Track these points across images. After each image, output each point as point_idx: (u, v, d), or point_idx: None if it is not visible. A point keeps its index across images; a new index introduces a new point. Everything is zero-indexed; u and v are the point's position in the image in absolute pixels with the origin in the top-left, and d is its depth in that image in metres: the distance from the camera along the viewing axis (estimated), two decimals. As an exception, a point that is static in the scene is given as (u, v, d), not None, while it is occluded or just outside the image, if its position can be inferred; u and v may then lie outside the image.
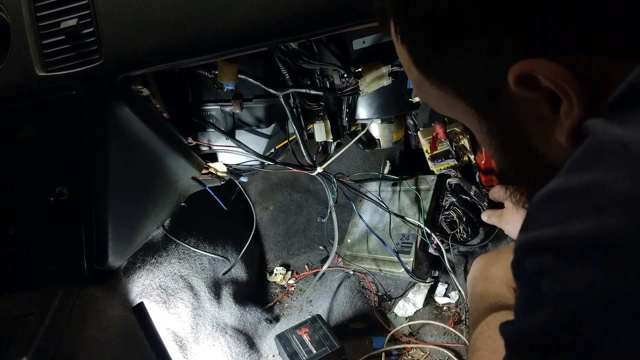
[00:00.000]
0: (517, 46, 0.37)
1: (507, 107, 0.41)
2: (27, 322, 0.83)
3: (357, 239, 1.43)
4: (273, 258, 1.61)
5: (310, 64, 0.99)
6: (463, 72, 0.42)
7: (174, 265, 1.30)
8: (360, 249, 1.39)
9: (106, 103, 0.81)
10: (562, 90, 0.36)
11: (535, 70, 0.36)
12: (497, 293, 0.77)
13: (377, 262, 1.33)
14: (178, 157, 1.02)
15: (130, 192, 0.95)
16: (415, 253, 1.23)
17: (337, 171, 1.45)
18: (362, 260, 1.37)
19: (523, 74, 0.36)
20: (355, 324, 1.30)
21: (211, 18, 0.73)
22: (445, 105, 0.48)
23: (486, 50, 0.39)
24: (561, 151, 0.39)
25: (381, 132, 1.24)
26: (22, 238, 0.89)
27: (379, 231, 1.34)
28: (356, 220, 1.46)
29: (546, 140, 0.40)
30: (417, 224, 1.25)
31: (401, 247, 1.26)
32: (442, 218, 1.27)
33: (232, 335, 1.31)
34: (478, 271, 0.89)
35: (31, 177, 0.87)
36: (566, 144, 0.38)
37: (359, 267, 1.38)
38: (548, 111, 0.38)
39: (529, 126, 0.41)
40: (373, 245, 1.36)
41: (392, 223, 1.31)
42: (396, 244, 1.28)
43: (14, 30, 0.79)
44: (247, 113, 1.10)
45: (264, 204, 1.67)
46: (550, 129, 0.39)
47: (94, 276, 0.92)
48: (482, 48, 0.39)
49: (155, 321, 1.03)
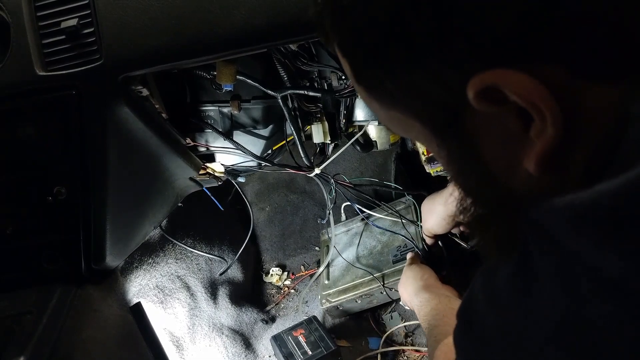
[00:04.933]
0: (476, 56, 0.31)
1: (469, 128, 0.35)
2: (25, 321, 0.83)
3: (339, 274, 1.31)
4: (269, 259, 1.62)
5: (309, 65, 0.99)
6: (415, 91, 0.36)
7: (171, 266, 1.30)
8: (348, 280, 1.27)
9: (106, 103, 0.82)
10: (532, 106, 0.30)
11: (499, 82, 0.30)
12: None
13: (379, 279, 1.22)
14: (176, 157, 1.02)
15: (128, 192, 0.95)
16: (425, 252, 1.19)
17: (334, 172, 1.46)
18: (354, 288, 1.23)
19: (485, 87, 0.31)
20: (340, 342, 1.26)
21: (211, 19, 0.73)
22: (400, 128, 0.42)
23: (439, 64, 0.33)
24: (527, 181, 0.35)
25: (378, 134, 1.24)
26: (20, 237, 0.89)
27: (366, 257, 1.30)
28: (330, 261, 1.36)
29: (511, 167, 0.35)
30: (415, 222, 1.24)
31: (401, 256, 1.23)
32: None
33: (229, 335, 1.31)
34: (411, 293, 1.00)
35: (30, 176, 0.87)
36: (534, 172, 0.33)
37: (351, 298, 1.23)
38: (517, 129, 0.32)
39: (494, 150, 0.36)
40: (366, 267, 1.27)
41: (380, 245, 1.30)
42: (394, 255, 1.24)
43: (14, 29, 0.79)
44: (245, 114, 1.10)
45: (261, 205, 1.68)
46: (518, 153, 0.33)
47: (91, 276, 0.92)
48: (434, 61, 0.33)
49: (152, 321, 1.04)
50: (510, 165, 0.35)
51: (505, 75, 0.30)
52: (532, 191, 0.35)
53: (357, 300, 1.24)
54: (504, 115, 0.32)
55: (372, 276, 1.22)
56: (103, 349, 0.88)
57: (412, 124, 0.39)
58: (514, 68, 0.30)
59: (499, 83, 0.30)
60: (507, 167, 0.36)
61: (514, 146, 0.34)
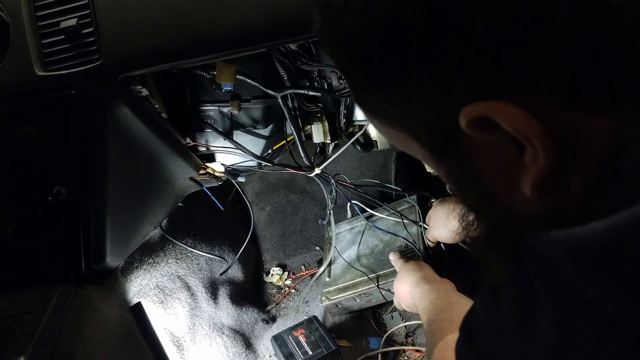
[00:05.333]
0: (467, 86, 0.32)
1: (466, 150, 0.36)
2: (25, 321, 0.83)
3: (340, 272, 1.32)
4: (270, 258, 1.62)
5: (309, 65, 0.99)
6: (411, 114, 0.36)
7: (171, 266, 1.30)
8: (349, 278, 1.28)
9: (105, 103, 0.81)
10: (524, 137, 0.31)
11: (490, 114, 0.31)
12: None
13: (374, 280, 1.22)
14: (176, 157, 1.02)
15: (128, 192, 0.95)
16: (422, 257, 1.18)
17: (334, 172, 1.46)
18: (354, 287, 1.24)
19: (476, 117, 0.31)
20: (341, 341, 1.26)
21: (211, 19, 0.73)
22: (399, 144, 0.43)
23: (433, 91, 0.33)
24: (525, 203, 0.35)
25: (378, 134, 1.24)
26: (20, 237, 0.89)
27: (367, 256, 1.30)
28: (333, 259, 1.37)
29: (509, 188, 0.35)
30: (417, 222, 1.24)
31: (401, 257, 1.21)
32: None
33: (229, 335, 1.31)
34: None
35: (30, 176, 0.87)
36: (530, 195, 0.33)
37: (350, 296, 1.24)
38: (512, 154, 0.33)
39: (491, 171, 0.36)
40: (366, 265, 1.28)
41: (382, 244, 1.29)
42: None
43: (13, 29, 0.79)
44: (245, 114, 1.10)
45: (261, 205, 1.68)
46: (515, 176, 0.34)
47: (91, 276, 0.92)
48: (428, 88, 0.33)
49: (152, 321, 1.04)
50: (508, 187, 0.35)
51: (496, 107, 0.31)
52: (534, 213, 0.36)
53: (356, 298, 1.24)
54: (498, 141, 0.32)
55: (367, 277, 1.22)
56: (103, 349, 0.88)
57: (410, 142, 0.40)
58: (506, 99, 0.30)
59: (490, 114, 0.31)
60: (506, 189, 0.36)
61: (511, 169, 0.34)
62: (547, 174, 0.32)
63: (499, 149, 0.33)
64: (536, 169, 0.32)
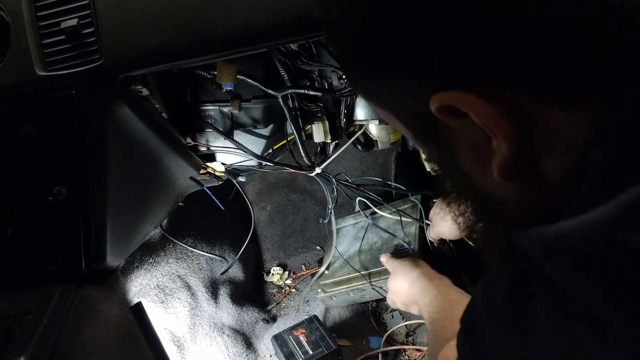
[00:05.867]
0: (437, 76, 0.34)
1: (443, 135, 0.38)
2: (25, 321, 0.83)
3: (338, 266, 1.33)
4: (270, 258, 1.62)
5: (309, 65, 0.99)
6: (394, 98, 0.40)
7: (172, 265, 1.30)
8: (345, 272, 1.29)
9: (106, 103, 0.81)
10: (486, 126, 0.33)
11: (454, 103, 0.33)
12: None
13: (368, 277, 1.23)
14: (177, 157, 1.02)
15: (128, 192, 0.95)
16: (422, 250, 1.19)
17: (335, 171, 1.45)
18: (348, 281, 1.26)
19: (444, 106, 0.34)
20: (341, 341, 1.26)
21: (212, 19, 0.73)
22: (392, 125, 0.46)
23: (410, 80, 0.36)
24: (498, 187, 0.38)
25: (378, 133, 1.24)
26: (21, 237, 0.89)
27: (365, 253, 1.30)
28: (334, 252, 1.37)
29: (483, 171, 0.37)
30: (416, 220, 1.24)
31: (396, 255, 1.20)
32: None
33: (230, 335, 1.32)
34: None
35: (30, 176, 0.87)
36: (497, 178, 0.36)
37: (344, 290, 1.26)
38: (483, 140, 0.35)
39: (467, 155, 0.39)
40: (363, 261, 1.29)
41: (380, 241, 1.30)
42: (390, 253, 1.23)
43: (14, 29, 0.79)
44: (246, 113, 1.10)
45: (262, 204, 1.68)
46: (487, 160, 0.36)
47: (92, 276, 0.92)
48: (406, 77, 0.37)
49: (153, 321, 1.04)
50: (481, 170, 0.38)
51: (461, 97, 0.33)
52: (515, 202, 0.38)
53: (350, 293, 1.25)
54: (470, 128, 0.34)
55: (360, 274, 1.23)
56: (104, 348, 0.88)
57: (398, 123, 0.43)
58: (471, 90, 0.32)
59: (455, 104, 0.33)
60: (479, 172, 0.38)
61: (482, 153, 0.36)
62: (511, 161, 0.34)
63: (471, 135, 0.35)
64: (500, 155, 0.34)
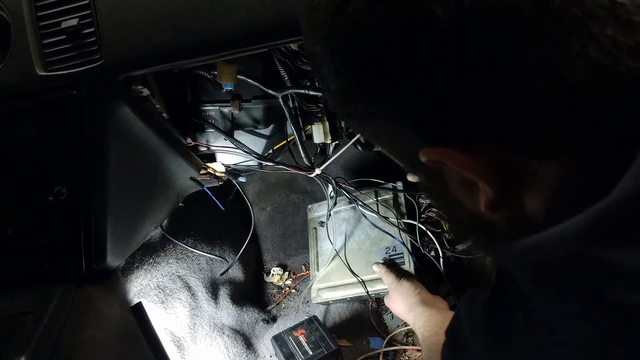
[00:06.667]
0: (417, 132, 0.36)
1: (435, 170, 0.40)
2: (25, 321, 0.82)
3: (334, 266, 1.31)
4: (270, 258, 1.62)
5: (310, 65, 0.99)
6: (385, 139, 0.42)
7: (172, 266, 1.31)
8: (339, 276, 1.27)
9: (106, 103, 0.81)
10: (469, 174, 0.36)
11: (439, 158, 0.36)
12: None
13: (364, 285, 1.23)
14: (177, 157, 1.02)
15: (129, 192, 0.95)
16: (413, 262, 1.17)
17: (334, 172, 1.46)
18: (344, 288, 1.25)
19: (432, 160, 0.37)
20: (341, 341, 1.26)
21: (212, 18, 0.73)
22: (388, 154, 0.47)
23: (397, 129, 0.38)
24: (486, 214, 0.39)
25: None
26: (21, 237, 0.89)
27: (355, 252, 1.28)
28: (323, 250, 1.35)
29: (473, 199, 0.40)
30: (412, 223, 1.22)
31: (390, 260, 1.21)
32: (422, 219, 1.22)
33: (230, 335, 1.32)
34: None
35: (30, 176, 0.87)
36: (486, 212, 0.38)
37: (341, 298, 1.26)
38: (470, 179, 0.38)
39: (457, 187, 0.41)
40: (353, 263, 1.27)
41: (369, 241, 1.28)
42: (382, 257, 1.22)
43: (14, 29, 0.79)
44: (246, 114, 1.10)
45: (262, 205, 1.68)
46: (475, 190, 0.38)
47: (92, 276, 0.92)
48: (391, 128, 0.38)
49: (153, 321, 1.04)
50: (471, 198, 0.40)
51: (444, 152, 0.35)
52: (499, 220, 0.40)
53: (347, 299, 1.28)
54: (457, 170, 0.37)
55: (358, 281, 1.23)
56: (104, 348, 0.88)
57: (393, 156, 0.45)
58: (454, 146, 0.35)
59: (439, 159, 0.36)
60: (469, 199, 0.40)
61: (470, 186, 0.38)
62: (495, 200, 0.37)
63: (460, 174, 0.38)
64: (486, 195, 0.37)
